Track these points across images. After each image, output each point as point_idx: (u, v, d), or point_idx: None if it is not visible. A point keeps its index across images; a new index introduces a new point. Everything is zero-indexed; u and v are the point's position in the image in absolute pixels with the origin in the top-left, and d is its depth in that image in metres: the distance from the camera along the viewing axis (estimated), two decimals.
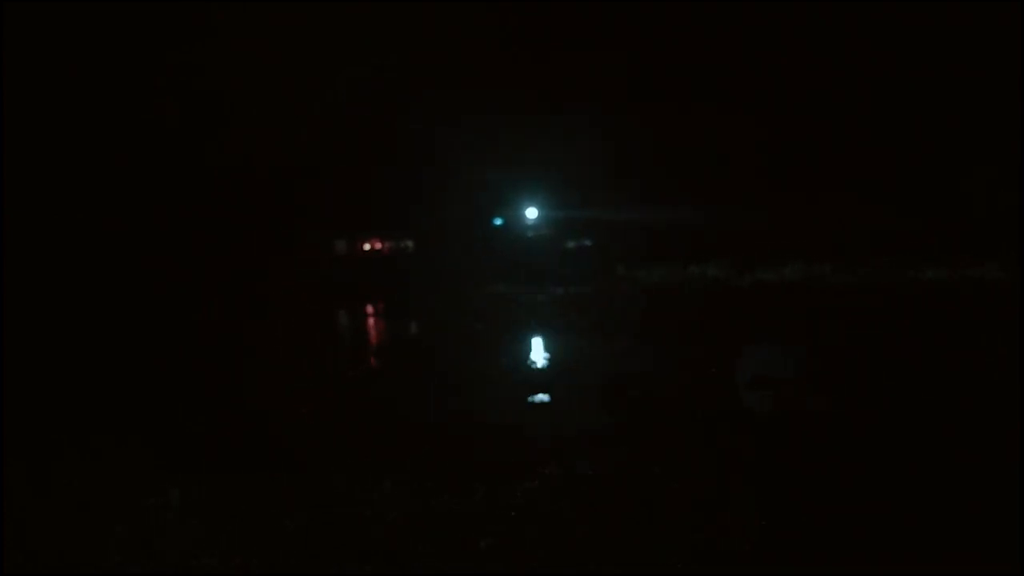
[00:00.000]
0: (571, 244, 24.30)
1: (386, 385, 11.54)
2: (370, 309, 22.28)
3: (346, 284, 24.24)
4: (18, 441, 8.14)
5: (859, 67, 23.98)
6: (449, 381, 11.07)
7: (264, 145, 24.63)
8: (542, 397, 9.83)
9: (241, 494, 6.54)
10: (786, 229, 24.08)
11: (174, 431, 8.60)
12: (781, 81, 24.15)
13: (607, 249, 23.66)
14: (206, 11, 22.98)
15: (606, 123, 22.93)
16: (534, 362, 12.43)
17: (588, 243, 24.09)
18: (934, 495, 6.09)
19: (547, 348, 13.78)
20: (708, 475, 6.50)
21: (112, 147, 22.62)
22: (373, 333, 20.04)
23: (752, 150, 23.28)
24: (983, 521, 5.62)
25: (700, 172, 23.18)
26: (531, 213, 24.50)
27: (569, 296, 22.00)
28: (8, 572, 5.48)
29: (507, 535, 5.68)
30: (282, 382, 11.50)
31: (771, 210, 23.80)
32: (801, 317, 15.41)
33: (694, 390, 9.32)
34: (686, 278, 22.86)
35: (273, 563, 5.44)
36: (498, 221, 24.71)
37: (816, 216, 24.46)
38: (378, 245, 26.28)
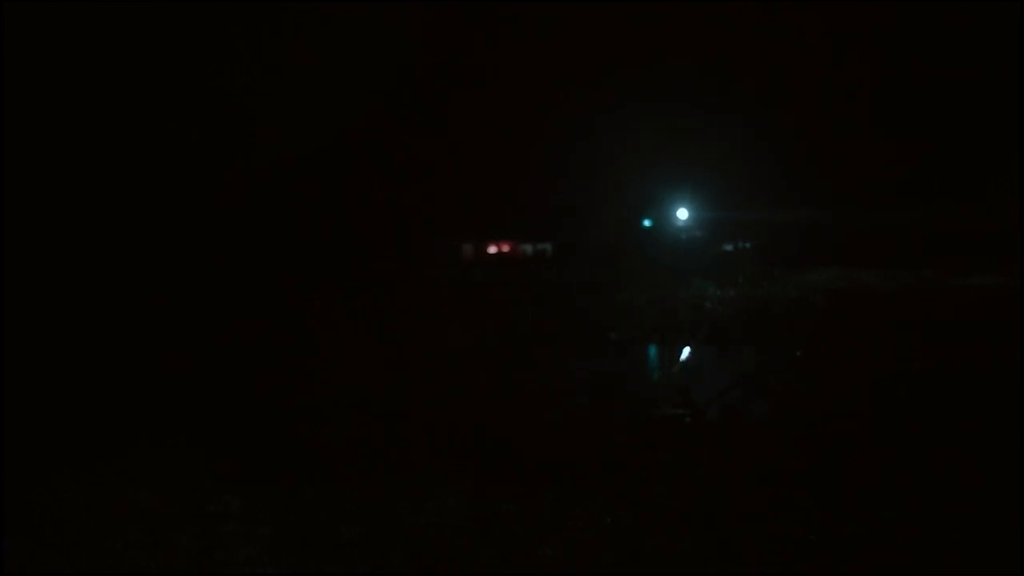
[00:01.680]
0: (727, 247, 22.82)
1: (500, 390, 10.77)
2: (505, 313, 21.11)
3: (477, 287, 22.79)
4: (78, 445, 8.08)
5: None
6: (568, 388, 10.47)
7: (390, 144, 23.39)
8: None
9: (301, 502, 6.44)
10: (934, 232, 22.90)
11: (250, 438, 8.42)
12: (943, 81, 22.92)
13: (767, 251, 22.22)
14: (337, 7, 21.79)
15: (766, 120, 21.56)
16: (681, 370, 11.57)
17: (747, 245, 22.61)
18: (933, 496, 6.10)
19: (696, 359, 12.89)
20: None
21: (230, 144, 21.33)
22: (506, 337, 18.94)
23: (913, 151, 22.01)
24: (983, 521, 5.63)
25: (862, 173, 21.79)
26: (682, 214, 22.99)
27: (724, 301, 20.79)
28: (8, 572, 5.48)
29: (570, 543, 5.62)
30: (383, 385, 10.83)
31: (932, 212, 22.47)
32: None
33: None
34: (853, 283, 21.60)
35: (332, 571, 5.40)
36: (647, 222, 23.22)
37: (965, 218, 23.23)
38: (505, 248, 24.84)
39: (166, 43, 19.88)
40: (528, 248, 24.07)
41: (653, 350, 14.59)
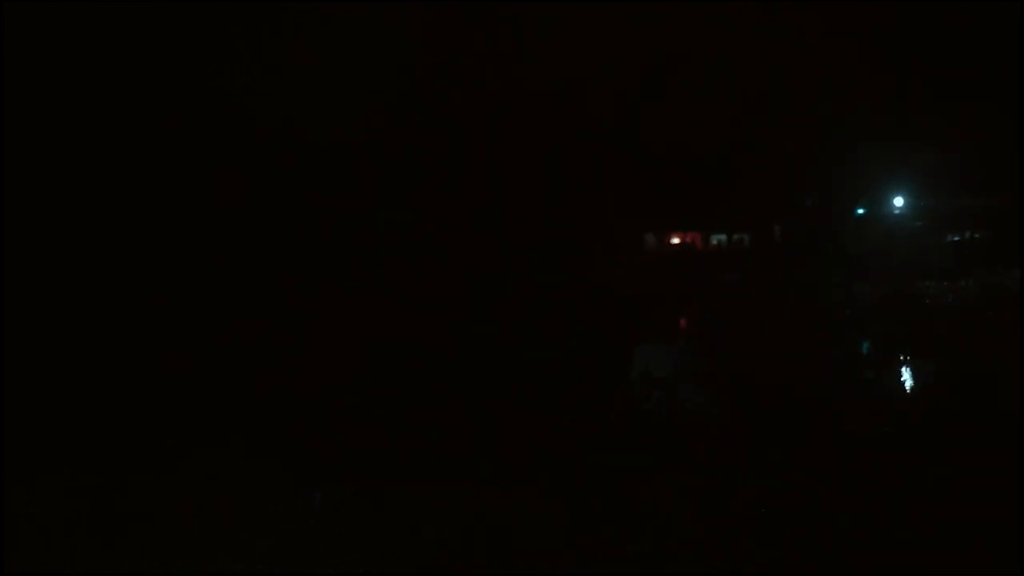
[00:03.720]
0: (954, 237, 21.04)
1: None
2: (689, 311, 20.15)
3: (668, 282, 21.40)
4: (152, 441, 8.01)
5: None
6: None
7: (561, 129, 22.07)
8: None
9: (380, 500, 6.39)
10: None
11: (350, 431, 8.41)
12: None
13: (1002, 244, 20.32)
14: None
15: (1002, 92, 19.57)
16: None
17: (977, 236, 20.79)
18: (932, 496, 6.01)
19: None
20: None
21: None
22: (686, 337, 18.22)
23: None
24: (982, 521, 5.54)
25: None
26: (898, 201, 21.22)
27: (955, 300, 19.19)
28: (8, 571, 5.46)
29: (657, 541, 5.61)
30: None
31: None
32: None
33: None
34: None
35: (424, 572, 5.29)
36: (860, 210, 21.55)
37: None
38: (689, 239, 23.30)
39: (166, 43, 19.59)
40: (722, 239, 22.50)
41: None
